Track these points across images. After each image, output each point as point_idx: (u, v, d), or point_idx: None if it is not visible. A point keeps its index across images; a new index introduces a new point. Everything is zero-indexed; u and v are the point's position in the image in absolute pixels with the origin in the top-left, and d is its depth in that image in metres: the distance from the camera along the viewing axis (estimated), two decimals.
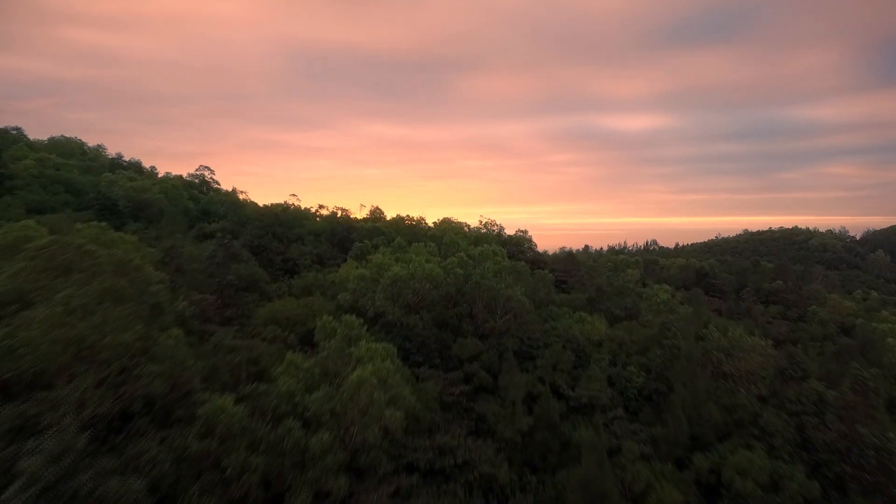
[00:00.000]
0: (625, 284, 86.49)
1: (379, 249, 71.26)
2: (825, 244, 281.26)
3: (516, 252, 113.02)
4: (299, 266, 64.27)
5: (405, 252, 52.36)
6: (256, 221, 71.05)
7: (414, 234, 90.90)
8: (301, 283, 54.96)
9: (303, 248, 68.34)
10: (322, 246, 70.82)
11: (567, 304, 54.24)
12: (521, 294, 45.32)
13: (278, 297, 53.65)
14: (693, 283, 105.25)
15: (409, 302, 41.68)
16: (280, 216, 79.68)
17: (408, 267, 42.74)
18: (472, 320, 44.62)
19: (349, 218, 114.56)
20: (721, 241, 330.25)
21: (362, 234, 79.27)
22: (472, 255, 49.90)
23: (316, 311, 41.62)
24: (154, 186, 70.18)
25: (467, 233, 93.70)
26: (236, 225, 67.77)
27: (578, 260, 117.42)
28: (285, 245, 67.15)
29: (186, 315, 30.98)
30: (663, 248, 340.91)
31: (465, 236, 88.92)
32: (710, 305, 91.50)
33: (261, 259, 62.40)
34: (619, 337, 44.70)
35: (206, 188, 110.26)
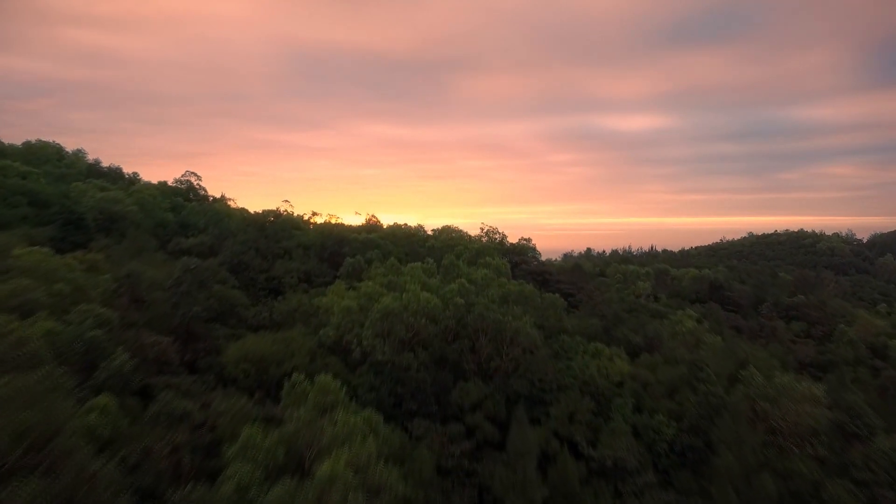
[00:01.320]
0: (637, 302, 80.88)
1: (372, 265, 65.67)
2: (833, 248, 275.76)
3: (520, 262, 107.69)
4: (284, 285, 58.64)
5: (400, 275, 46.73)
6: (241, 235, 65.40)
7: (411, 245, 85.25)
8: (284, 307, 49.33)
9: (289, 264, 62.67)
10: (310, 262, 65.14)
11: (580, 332, 48.57)
12: (529, 325, 39.67)
13: (257, 325, 48.15)
14: (707, 295, 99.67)
15: (401, 338, 36.06)
16: (266, 228, 74.04)
17: (401, 297, 37.11)
18: (474, 356, 39.02)
19: (343, 226, 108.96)
20: (726, 244, 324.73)
21: (355, 247, 73.61)
22: (474, 280, 44.21)
23: (294, 349, 36.04)
24: (128, 197, 64.56)
25: (468, 242, 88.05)
26: (217, 239, 62.13)
27: (585, 270, 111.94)
28: (270, 262, 61.50)
29: (126, 371, 25.32)
30: (667, 250, 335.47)
31: (466, 246, 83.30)
32: (728, 322, 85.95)
33: (242, 278, 56.84)
34: (642, 376, 39.09)
35: (193, 194, 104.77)
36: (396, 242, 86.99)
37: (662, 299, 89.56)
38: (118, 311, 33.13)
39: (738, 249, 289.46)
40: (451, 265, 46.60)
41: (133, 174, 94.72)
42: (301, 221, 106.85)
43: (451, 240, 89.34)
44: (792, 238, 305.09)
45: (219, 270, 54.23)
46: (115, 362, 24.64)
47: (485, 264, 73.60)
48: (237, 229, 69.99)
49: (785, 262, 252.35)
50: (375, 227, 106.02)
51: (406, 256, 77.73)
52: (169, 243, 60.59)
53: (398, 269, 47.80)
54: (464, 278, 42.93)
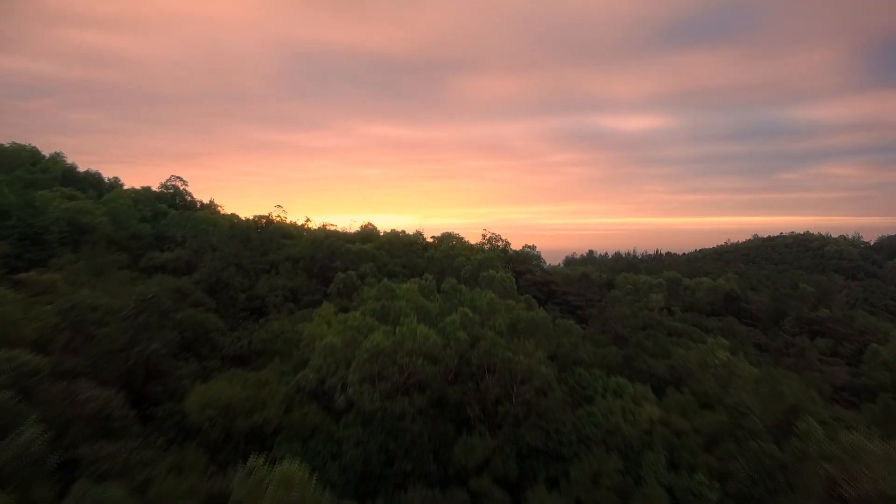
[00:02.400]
0: (651, 317, 75.35)
1: (365, 281, 60.32)
2: (841, 251, 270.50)
3: (524, 271, 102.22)
4: (268, 305, 53.14)
5: (394, 298, 41.18)
6: (223, 248, 59.86)
7: (409, 256, 79.74)
8: (264, 334, 43.78)
9: (275, 280, 57.16)
10: (298, 277, 59.62)
11: (598, 363, 43.05)
12: (543, 362, 34.18)
13: (233, 355, 42.65)
14: (722, 307, 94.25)
15: (395, 382, 30.55)
16: (252, 239, 68.51)
17: (394, 333, 31.60)
18: (479, 398, 33.53)
19: (337, 234, 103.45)
20: (731, 246, 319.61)
21: (348, 258, 68.11)
22: (478, 307, 38.63)
23: (268, 396, 30.52)
24: (99, 207, 59.05)
25: (469, 252, 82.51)
26: (195, 254, 56.60)
27: (593, 279, 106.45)
28: (253, 279, 55.96)
29: (38, 447, 19.77)
30: (671, 253, 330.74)
31: (468, 258, 77.77)
32: (748, 337, 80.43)
33: (221, 297, 51.30)
34: (674, 423, 33.59)
35: (179, 200, 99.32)
36: (393, 253, 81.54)
37: (677, 313, 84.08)
38: (54, 354, 27.69)
39: (743, 253, 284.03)
40: (453, 289, 41.01)
41: (113, 179, 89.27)
42: (294, 228, 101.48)
43: (452, 249, 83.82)
44: (798, 241, 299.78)
45: (193, 291, 48.81)
46: (21, 438, 19.19)
47: (489, 280, 68.23)
48: (220, 241, 64.46)
49: (792, 265, 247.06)
50: (371, 234, 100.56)
51: (403, 269, 72.32)
52: (142, 258, 55.04)
53: (392, 292, 42.25)
54: (467, 307, 37.38)
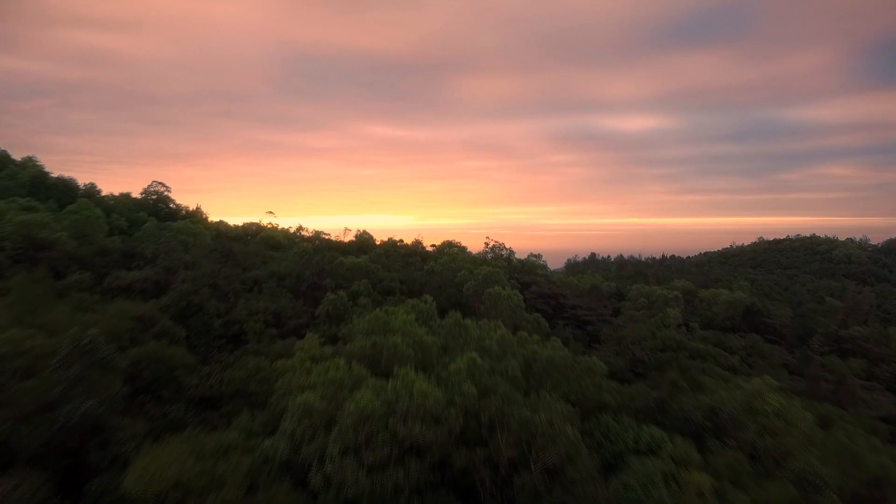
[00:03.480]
0: (672, 337, 69.16)
1: (358, 302, 54.28)
2: (849, 255, 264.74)
3: (530, 282, 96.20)
4: (247, 332, 47.06)
5: (387, 332, 35.01)
6: (201, 264, 53.78)
7: (408, 270, 73.60)
8: (237, 373, 37.67)
9: (256, 302, 51.06)
10: (283, 298, 53.50)
11: (626, 407, 36.91)
12: (568, 418, 28.08)
13: (200, 399, 36.60)
14: (742, 322, 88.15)
15: (385, 453, 24.43)
16: (235, 254, 62.39)
17: (386, 388, 25.48)
18: (490, 465, 27.43)
19: (330, 242, 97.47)
20: (736, 249, 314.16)
21: (340, 275, 61.99)
22: (488, 347, 32.44)
23: (226, 471, 24.40)
24: (62, 219, 52.97)
25: (472, 264, 76.41)
26: (166, 273, 50.49)
27: (602, 291, 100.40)
28: (231, 301, 49.83)
29: None
30: (675, 256, 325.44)
31: (471, 271, 71.68)
32: (773, 355, 74.33)
33: (193, 324, 45.22)
34: (730, 497, 27.44)
35: (164, 207, 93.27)
36: (389, 265, 75.44)
37: (696, 330, 78.05)
38: None
39: (750, 256, 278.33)
40: (457, 324, 34.82)
41: (89, 186, 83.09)
42: (284, 237, 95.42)
43: (453, 260, 77.70)
44: (805, 244, 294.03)
45: (159, 318, 42.72)
46: None
47: (494, 297, 62.17)
48: (198, 256, 58.35)
49: (801, 270, 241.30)
50: (367, 243, 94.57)
51: (401, 285, 66.25)
52: (104, 279, 48.90)
53: (386, 325, 36.09)
54: (473, 345, 31.23)
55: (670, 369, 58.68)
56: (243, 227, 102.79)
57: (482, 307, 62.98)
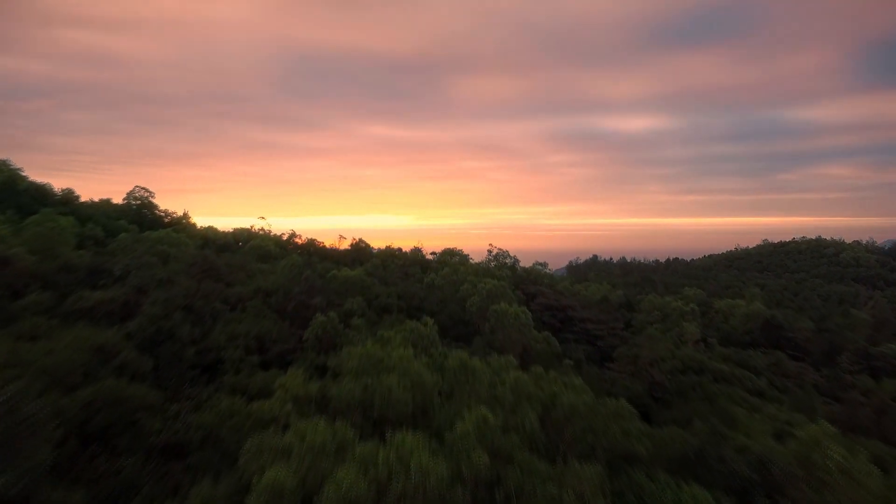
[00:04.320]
0: (692, 357, 63.94)
1: (351, 323, 49.13)
2: (858, 258, 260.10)
3: (536, 293, 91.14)
4: (225, 361, 41.83)
5: (381, 372, 29.82)
6: (176, 283, 48.54)
7: (406, 284, 68.26)
8: (207, 417, 32.46)
9: (237, 325, 45.83)
10: (267, 319, 48.29)
11: (658, 457, 31.68)
12: (598, 492, 22.90)
13: (165, 446, 31.40)
14: (762, 337, 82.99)
15: None
16: (217, 267, 57.17)
17: (377, 462, 20.33)
18: None
19: (324, 251, 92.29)
20: (741, 252, 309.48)
21: (332, 290, 56.78)
22: (501, 398, 27.20)
23: None
24: (20, 233, 47.79)
25: (475, 277, 71.21)
26: (136, 292, 45.26)
27: (613, 302, 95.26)
28: (208, 324, 44.60)
29: None
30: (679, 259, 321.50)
31: (474, 284, 66.52)
32: (799, 375, 69.17)
33: (162, 354, 40.00)
34: None
35: (148, 214, 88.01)
36: (387, 278, 70.25)
37: (716, 347, 72.90)
38: None
39: (756, 260, 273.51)
40: (463, 367, 29.60)
41: (66, 191, 77.82)
42: (276, 245, 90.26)
43: (455, 272, 72.46)
44: (812, 246, 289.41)
45: (122, 348, 37.54)
46: None
47: (499, 315, 57.11)
48: (175, 271, 53.13)
49: (809, 274, 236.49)
50: (363, 252, 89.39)
51: (399, 301, 61.07)
52: (66, 298, 43.68)
53: (379, 363, 30.87)
54: (483, 404, 25.99)
55: (695, 396, 53.64)
56: (234, 234, 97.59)
57: (487, 325, 57.87)
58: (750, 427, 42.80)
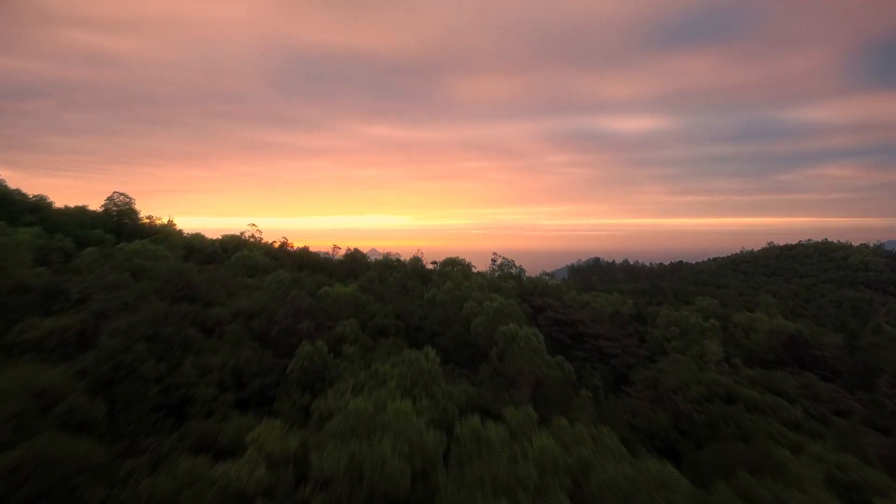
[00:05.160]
0: (718, 381, 58.28)
1: (341, 353, 43.54)
2: (867, 262, 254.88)
3: (543, 306, 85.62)
4: (195, 400, 36.16)
5: (373, 433, 24.18)
6: (143, 306, 42.86)
7: (404, 303, 62.44)
8: (164, 483, 26.83)
9: (210, 356, 40.13)
10: (247, 348, 42.59)
11: None
12: None
13: None
14: (786, 355, 77.40)
15: None
16: (195, 284, 51.50)
17: None
18: None
19: (318, 260, 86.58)
20: (747, 255, 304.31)
21: (323, 309, 51.09)
22: (523, 476, 21.52)
23: None
24: None
25: (481, 293, 65.53)
26: (96, 319, 39.59)
27: (625, 315, 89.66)
28: (177, 356, 38.88)
29: None
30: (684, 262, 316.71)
31: (479, 302, 60.88)
32: (834, 400, 63.54)
33: (120, 395, 34.38)
34: None
35: (129, 221, 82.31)
36: (384, 293, 64.57)
37: (741, 369, 67.30)
38: None
39: (763, 263, 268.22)
40: (475, 437, 23.87)
41: (38, 197, 72.05)
42: (265, 255, 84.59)
43: (458, 287, 66.73)
44: (819, 250, 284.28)
45: (70, 391, 31.88)
46: None
47: (508, 338, 51.49)
48: (148, 290, 47.49)
49: (818, 279, 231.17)
50: (359, 262, 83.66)
51: (396, 321, 55.42)
52: (13, 326, 37.95)
53: (370, 420, 25.23)
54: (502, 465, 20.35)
55: (728, 432, 47.98)
56: (222, 241, 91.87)
57: (495, 349, 52.23)
58: (801, 476, 37.16)
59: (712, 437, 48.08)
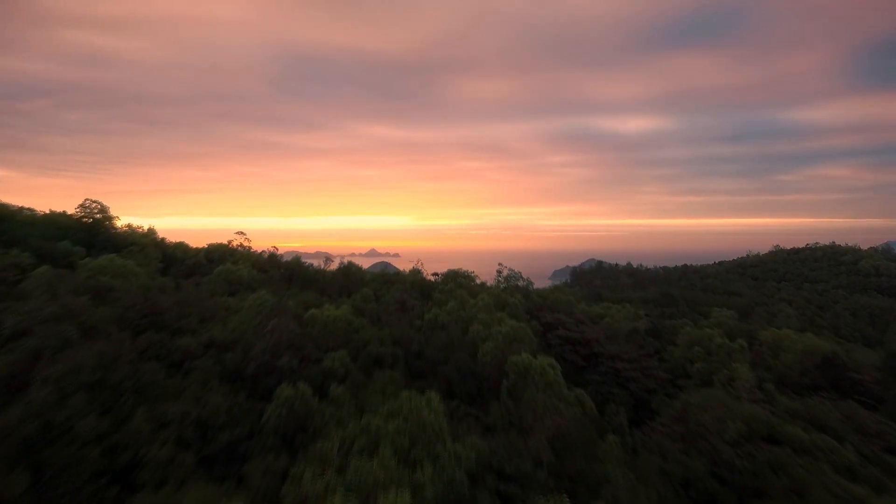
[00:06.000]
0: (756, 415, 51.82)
1: (329, 396, 37.24)
2: (878, 266, 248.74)
3: (554, 322, 79.19)
4: (146, 465, 29.61)
5: None
6: (91, 342, 36.30)
7: (402, 326, 55.93)
8: None
9: (171, 404, 33.54)
10: (216, 393, 36.00)
11: None
12: None
13: None
14: (820, 378, 71.00)
15: None
16: (163, 310, 44.92)
17: None
18: None
19: (309, 272, 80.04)
20: (754, 259, 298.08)
21: (310, 338, 44.55)
22: None
23: None
24: None
25: (489, 314, 59.04)
26: (30, 360, 32.97)
27: (641, 332, 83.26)
28: (126, 407, 32.29)
29: None
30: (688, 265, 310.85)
31: (485, 325, 54.43)
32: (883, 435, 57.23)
33: (52, 460, 27.87)
34: None
35: (102, 231, 75.74)
36: (380, 314, 58.00)
37: (773, 393, 60.97)
38: None
39: (770, 267, 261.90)
40: None
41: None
42: (254, 264, 77.99)
43: (462, 306, 60.19)
44: (828, 253, 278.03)
45: None
46: None
47: (521, 369, 45.13)
48: (104, 319, 40.95)
49: (829, 284, 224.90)
50: (354, 275, 77.06)
51: (393, 348, 48.93)
52: None
53: None
54: None
55: (777, 483, 41.46)
56: (206, 251, 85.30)
57: (506, 382, 45.79)
58: None
59: (759, 490, 41.65)
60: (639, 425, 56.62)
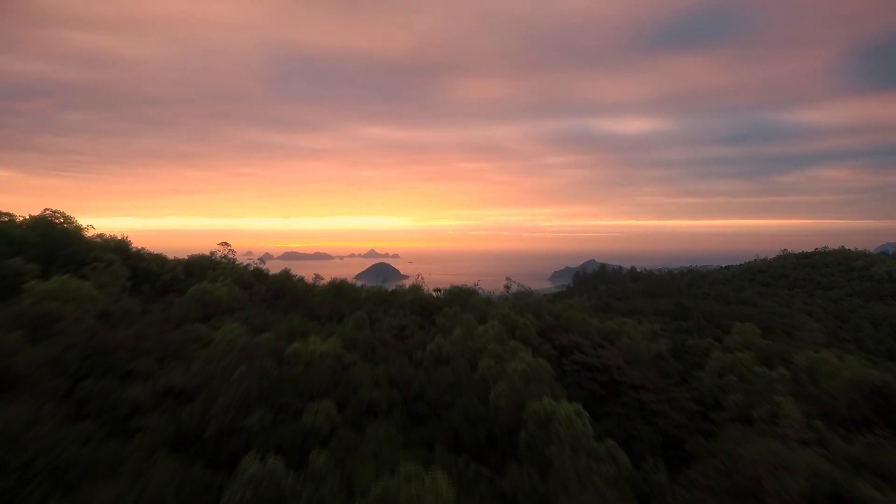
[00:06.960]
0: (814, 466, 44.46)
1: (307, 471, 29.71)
2: (891, 272, 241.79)
3: (569, 345, 71.76)
4: None
5: None
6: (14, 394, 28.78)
7: (400, 364, 48.23)
8: None
9: (99, 488, 25.97)
10: (162, 465, 28.42)
11: None
12: None
13: None
14: (870, 411, 63.71)
15: None
16: (111, 349, 37.36)
17: None
18: None
19: (297, 287, 72.56)
20: (763, 264, 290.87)
21: (288, 382, 37.00)
22: None
23: None
24: None
25: (502, 344, 51.59)
26: None
27: (667, 358, 75.83)
28: (35, 497, 24.77)
29: None
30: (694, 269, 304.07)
31: (499, 361, 46.98)
32: None
33: None
34: None
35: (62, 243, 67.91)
36: (374, 344, 50.38)
37: (820, 430, 53.76)
38: None
39: (780, 273, 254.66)
40: None
41: None
42: (236, 280, 70.38)
43: (468, 334, 52.62)
44: (839, 259, 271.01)
45: None
46: None
47: (542, 421, 37.69)
48: (36, 361, 33.37)
49: (843, 291, 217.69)
50: (348, 294, 69.44)
51: (390, 390, 41.35)
52: None
53: None
54: None
55: None
56: (186, 264, 77.73)
57: (524, 434, 38.28)
58: None
59: None
60: (672, 472, 49.22)
